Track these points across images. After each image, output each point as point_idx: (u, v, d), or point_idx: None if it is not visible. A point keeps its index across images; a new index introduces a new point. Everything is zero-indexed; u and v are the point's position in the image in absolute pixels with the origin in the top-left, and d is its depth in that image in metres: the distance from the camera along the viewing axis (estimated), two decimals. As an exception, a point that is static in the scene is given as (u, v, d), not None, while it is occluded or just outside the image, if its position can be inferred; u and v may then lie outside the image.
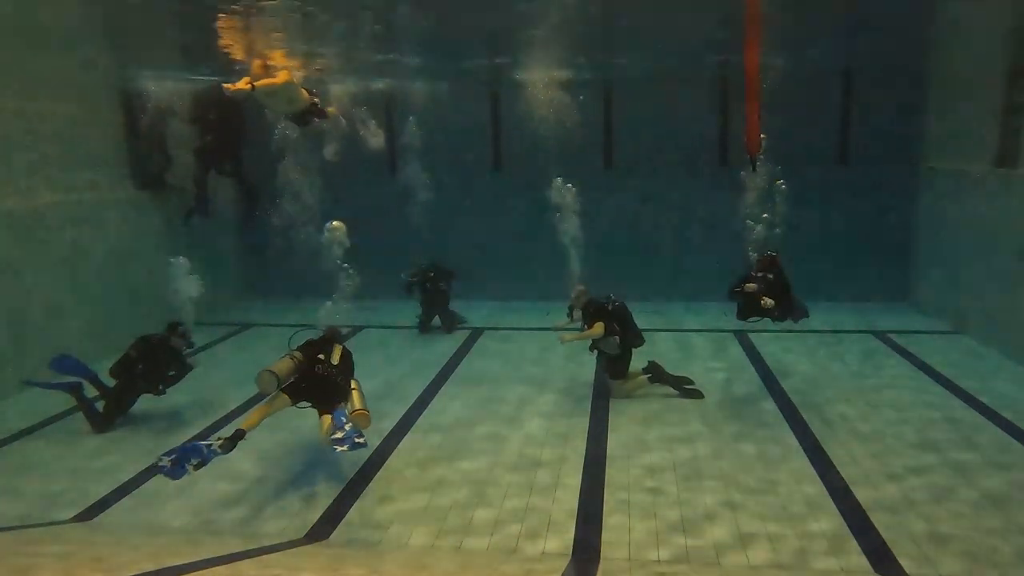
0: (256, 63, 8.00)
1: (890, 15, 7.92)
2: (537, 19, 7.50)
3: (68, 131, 8.86)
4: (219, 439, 5.15)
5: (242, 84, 6.91)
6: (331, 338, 5.77)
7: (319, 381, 5.45)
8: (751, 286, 6.94)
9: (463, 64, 10.16)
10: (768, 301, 6.81)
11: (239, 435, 5.21)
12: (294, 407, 5.53)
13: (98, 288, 9.20)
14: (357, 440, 5.05)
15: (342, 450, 5.04)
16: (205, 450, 5.04)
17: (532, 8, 7.08)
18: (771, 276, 7.04)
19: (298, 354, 5.60)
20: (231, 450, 5.15)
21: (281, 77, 7.30)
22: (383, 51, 9.09)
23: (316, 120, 7.80)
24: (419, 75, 10.97)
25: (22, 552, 4.46)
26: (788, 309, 7.19)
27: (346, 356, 5.75)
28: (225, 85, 6.84)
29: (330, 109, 8.08)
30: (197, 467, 4.99)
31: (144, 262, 10.08)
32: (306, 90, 7.58)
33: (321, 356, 5.54)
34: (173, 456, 4.95)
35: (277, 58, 7.96)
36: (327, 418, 5.36)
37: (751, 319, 7.29)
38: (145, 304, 9.98)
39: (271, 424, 5.78)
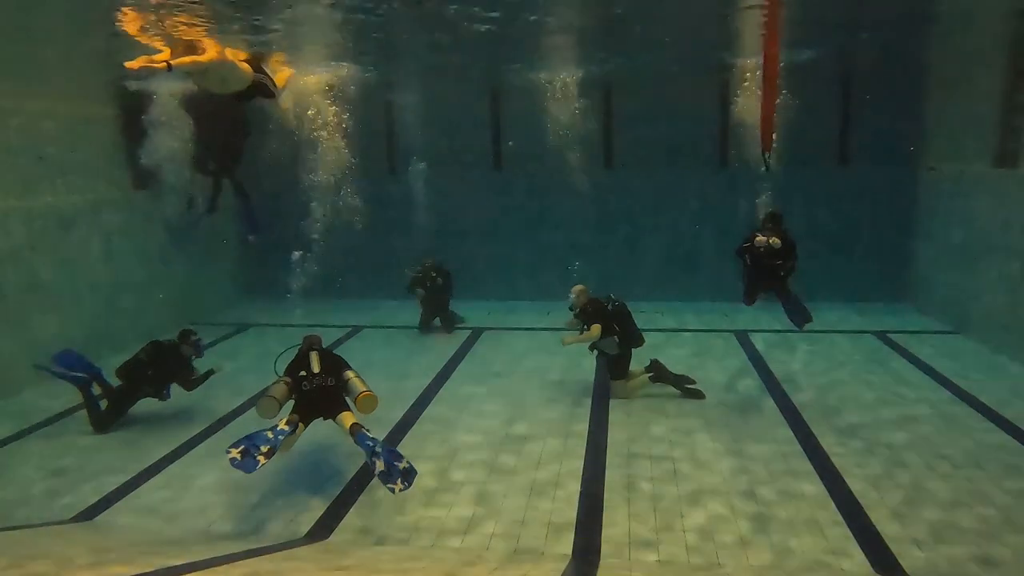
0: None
1: (890, 15, 7.91)
2: (538, 18, 7.48)
3: (67, 130, 8.86)
4: (284, 420, 5.18)
5: (157, 62, 5.71)
6: (307, 349, 5.73)
7: (313, 395, 5.42)
8: (760, 239, 6.73)
9: (463, 63, 10.14)
10: (775, 240, 6.63)
11: (296, 421, 5.24)
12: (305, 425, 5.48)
13: (97, 288, 9.19)
14: (401, 466, 4.92)
15: (400, 488, 4.85)
16: (270, 434, 5.02)
17: (533, 7, 7.05)
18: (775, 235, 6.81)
19: (287, 379, 5.52)
20: (295, 430, 5.16)
21: (209, 54, 6.22)
22: (380, 48, 9.03)
23: (262, 98, 6.92)
24: (419, 73, 10.95)
25: (23, 552, 4.45)
26: (791, 281, 7.04)
27: (327, 357, 5.69)
28: (127, 63, 5.67)
29: (282, 73, 7.11)
30: (268, 454, 4.92)
31: (143, 262, 10.08)
32: (250, 64, 6.63)
33: (303, 372, 5.49)
34: (240, 447, 4.91)
35: (209, 44, 6.65)
36: (346, 415, 5.34)
37: (761, 295, 7.12)
38: (144, 304, 9.99)
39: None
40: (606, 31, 8.34)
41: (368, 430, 5.21)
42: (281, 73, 7.71)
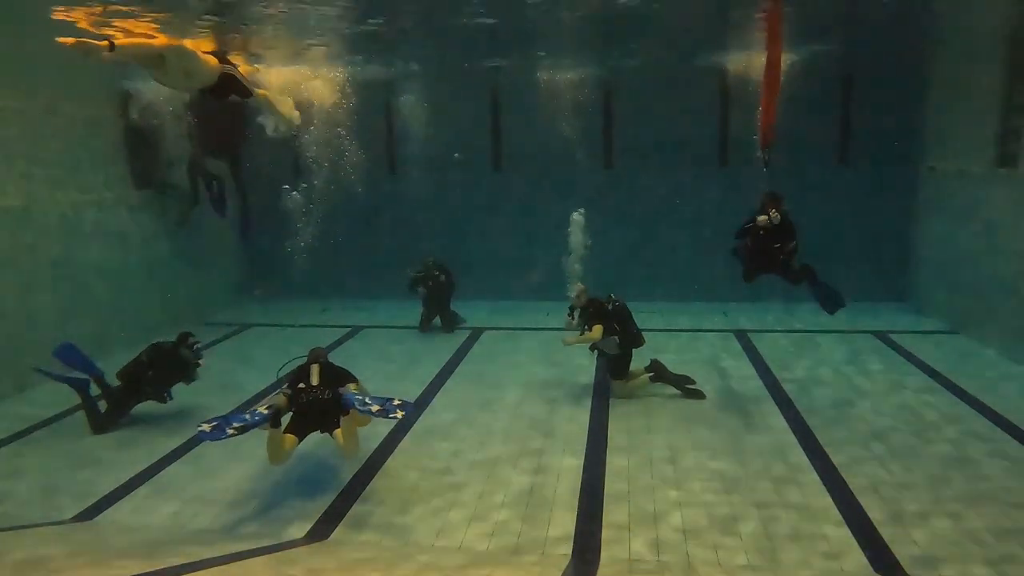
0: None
1: (890, 15, 7.92)
2: (539, 18, 7.48)
3: (67, 130, 8.86)
4: (266, 407, 5.19)
5: (98, 41, 4.99)
6: (310, 362, 5.68)
7: (309, 408, 5.38)
8: (762, 218, 6.59)
9: (464, 62, 10.16)
10: (775, 215, 6.51)
11: (279, 415, 5.23)
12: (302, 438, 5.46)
13: (97, 287, 9.18)
14: (396, 403, 5.09)
15: (399, 415, 5.06)
16: (249, 416, 5.08)
17: (534, 7, 7.05)
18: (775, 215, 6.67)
19: (286, 391, 5.50)
20: (276, 418, 5.16)
21: (161, 40, 5.58)
22: (380, 47, 9.04)
23: (236, 97, 6.31)
24: (419, 73, 10.97)
25: (22, 552, 4.45)
26: (797, 269, 6.92)
27: (327, 369, 5.64)
28: (59, 39, 4.99)
29: (260, 91, 6.57)
30: (240, 430, 4.98)
31: (142, 262, 10.07)
32: (216, 57, 6.00)
33: (302, 385, 5.47)
34: (214, 423, 4.99)
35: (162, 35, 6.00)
36: (339, 433, 5.29)
37: (759, 274, 7.00)
38: (144, 303, 9.99)
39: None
40: (606, 30, 8.36)
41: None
42: (284, 103, 7.17)
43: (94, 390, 7.03)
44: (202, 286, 11.45)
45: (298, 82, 9.53)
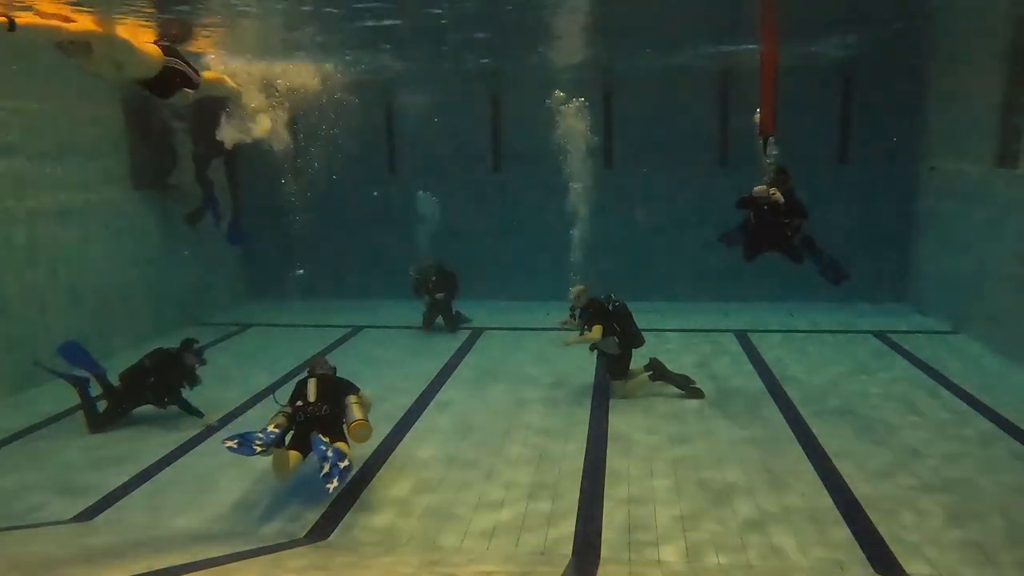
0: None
1: (890, 14, 7.92)
2: (537, 18, 7.49)
3: (67, 129, 8.85)
4: (274, 425, 5.20)
5: None
6: (308, 375, 5.67)
7: (308, 424, 5.36)
8: (759, 188, 6.43)
9: (464, 64, 10.16)
10: (777, 195, 6.37)
11: (283, 435, 5.24)
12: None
13: (95, 288, 9.17)
14: (341, 466, 4.98)
15: (332, 486, 4.89)
16: (261, 435, 5.07)
17: (532, 6, 7.06)
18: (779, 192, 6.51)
19: (287, 409, 5.46)
20: (281, 439, 5.17)
21: (82, 24, 4.90)
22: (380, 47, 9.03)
23: (186, 90, 5.65)
24: (419, 72, 10.96)
25: (22, 552, 4.46)
26: (798, 244, 6.76)
27: (325, 383, 5.59)
28: None
29: (208, 73, 5.98)
30: (263, 446, 4.97)
31: (143, 262, 10.07)
32: (159, 47, 5.32)
33: (300, 402, 5.44)
34: (237, 440, 4.97)
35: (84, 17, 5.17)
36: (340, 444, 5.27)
37: (761, 253, 6.85)
38: (142, 305, 9.98)
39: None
40: (605, 30, 8.35)
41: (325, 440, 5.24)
42: (211, 72, 6.81)
43: (95, 389, 7.03)
44: (204, 286, 11.44)
45: (292, 77, 9.50)
